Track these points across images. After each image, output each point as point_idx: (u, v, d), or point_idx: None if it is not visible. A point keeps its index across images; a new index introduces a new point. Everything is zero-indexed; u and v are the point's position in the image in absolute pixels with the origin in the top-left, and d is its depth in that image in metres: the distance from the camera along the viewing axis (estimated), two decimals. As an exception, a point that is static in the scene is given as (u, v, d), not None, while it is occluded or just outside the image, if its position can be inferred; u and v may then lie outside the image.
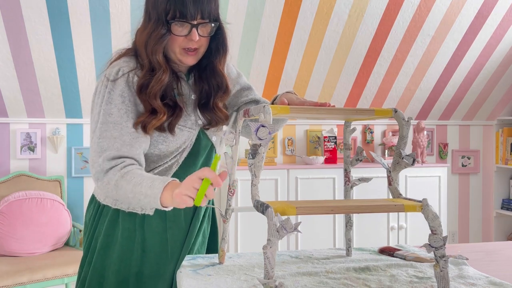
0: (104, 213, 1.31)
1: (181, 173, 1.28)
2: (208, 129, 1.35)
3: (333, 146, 3.50)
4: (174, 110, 1.26)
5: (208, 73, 1.34)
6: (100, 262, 1.29)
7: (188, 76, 1.36)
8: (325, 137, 3.51)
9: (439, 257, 0.97)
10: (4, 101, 3.01)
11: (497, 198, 4.01)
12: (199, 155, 1.34)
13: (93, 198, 1.37)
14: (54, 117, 3.18)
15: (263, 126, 0.95)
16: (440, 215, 3.48)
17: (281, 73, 3.28)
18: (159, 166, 1.29)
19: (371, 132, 3.77)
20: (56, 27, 2.71)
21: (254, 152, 0.97)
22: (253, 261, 1.27)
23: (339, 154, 3.57)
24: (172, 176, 1.28)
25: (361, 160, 1.25)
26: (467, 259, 1.28)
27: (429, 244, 0.98)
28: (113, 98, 1.22)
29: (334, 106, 1.15)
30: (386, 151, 3.70)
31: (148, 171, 1.29)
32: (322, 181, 3.30)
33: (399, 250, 1.37)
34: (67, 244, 2.95)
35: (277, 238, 0.87)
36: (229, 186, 1.22)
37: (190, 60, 1.27)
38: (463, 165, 4.01)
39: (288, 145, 3.60)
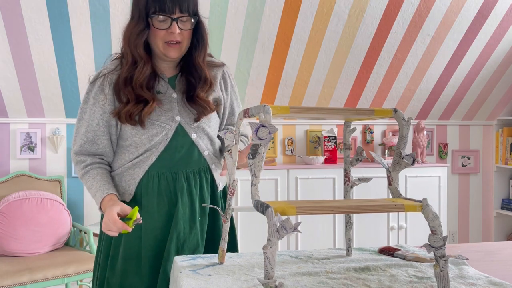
0: None
1: (159, 166, 1.43)
2: (193, 124, 1.44)
3: (333, 146, 3.50)
4: (145, 104, 1.38)
5: (191, 67, 1.45)
6: (99, 240, 1.54)
7: (175, 77, 1.48)
8: (325, 137, 3.51)
9: (439, 257, 0.97)
10: (4, 101, 3.01)
11: (497, 198, 4.01)
12: (176, 151, 1.44)
13: None
14: (54, 117, 3.19)
15: (263, 126, 0.94)
16: (440, 215, 3.48)
17: (281, 73, 3.28)
18: (137, 157, 1.44)
19: (371, 132, 3.77)
20: (56, 27, 2.71)
21: (254, 152, 0.97)
22: (253, 261, 1.27)
23: (339, 154, 3.57)
24: (150, 169, 1.43)
25: (361, 160, 1.25)
26: (467, 259, 1.28)
27: (429, 244, 0.97)
28: (89, 99, 1.43)
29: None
30: (386, 151, 3.70)
31: (130, 161, 1.44)
32: (322, 181, 3.30)
33: (399, 250, 1.37)
34: (67, 244, 2.95)
35: (277, 238, 0.87)
36: (229, 186, 1.22)
37: (173, 53, 1.38)
38: (463, 165, 4.01)
39: (288, 145, 3.61)
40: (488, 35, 3.34)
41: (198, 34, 1.41)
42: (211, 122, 1.50)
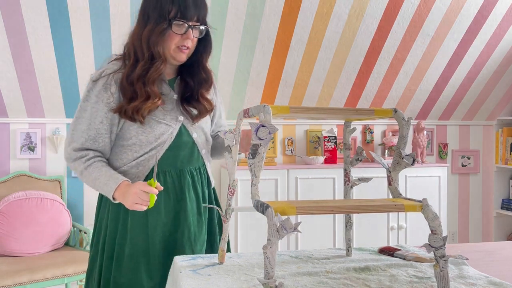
0: (103, 202, 1.53)
1: (164, 164, 1.48)
2: (193, 123, 1.52)
3: (333, 146, 3.50)
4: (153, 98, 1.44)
5: (195, 69, 1.52)
6: (96, 241, 1.53)
7: (174, 80, 1.54)
8: (325, 137, 3.51)
9: (439, 257, 0.97)
10: (4, 101, 3.01)
11: (497, 198, 4.01)
12: (180, 149, 1.50)
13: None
14: (54, 117, 3.19)
15: (263, 126, 0.94)
16: (440, 215, 3.48)
17: (281, 73, 3.28)
18: (142, 155, 1.46)
19: (371, 132, 3.77)
20: (56, 27, 2.71)
21: (254, 152, 0.97)
22: (253, 261, 1.27)
23: (339, 154, 3.57)
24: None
25: (361, 160, 1.25)
26: (467, 259, 1.28)
27: (429, 244, 0.97)
28: (90, 97, 1.43)
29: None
30: (386, 151, 3.70)
31: (135, 159, 1.46)
32: (322, 181, 3.30)
33: (399, 250, 1.37)
34: (67, 244, 2.95)
35: (277, 238, 0.87)
36: (229, 186, 1.22)
37: (183, 57, 1.46)
38: (463, 165, 4.01)
39: (288, 145, 3.61)
40: (488, 35, 3.33)
41: (207, 40, 1.50)
42: (208, 123, 1.59)
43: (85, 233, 2.85)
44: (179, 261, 1.27)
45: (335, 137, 3.51)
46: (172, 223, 1.48)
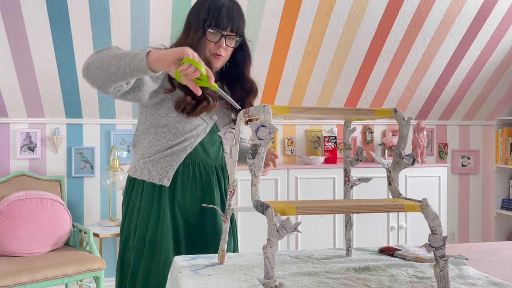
0: (135, 186, 1.60)
1: (195, 157, 1.57)
2: (225, 125, 1.63)
3: (333, 146, 3.50)
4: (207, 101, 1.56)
5: (241, 81, 1.67)
6: (128, 224, 1.61)
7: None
8: (325, 137, 3.51)
9: (439, 257, 0.97)
10: (4, 101, 3.01)
11: (497, 198, 4.01)
12: (210, 145, 1.60)
13: (128, 176, 1.66)
14: (54, 117, 3.19)
15: (263, 126, 0.94)
16: (440, 215, 3.48)
17: (281, 73, 3.28)
18: (176, 144, 1.55)
19: (371, 132, 3.77)
20: (56, 27, 2.71)
21: (254, 152, 0.97)
22: (253, 261, 1.27)
23: (339, 154, 3.57)
24: (186, 158, 1.56)
25: (361, 160, 1.25)
26: (467, 259, 1.28)
27: (429, 244, 0.97)
28: None
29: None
30: (386, 151, 3.70)
31: (168, 148, 1.55)
32: (322, 181, 3.30)
33: (399, 250, 1.37)
34: (67, 244, 2.95)
35: (277, 238, 0.87)
36: (229, 186, 1.22)
37: (217, 64, 1.57)
38: (463, 165, 4.01)
39: (288, 145, 3.61)
40: (488, 35, 3.33)
41: (245, 52, 1.63)
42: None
43: (85, 233, 2.85)
44: (179, 261, 1.27)
45: (335, 137, 3.51)
46: (194, 213, 1.57)
